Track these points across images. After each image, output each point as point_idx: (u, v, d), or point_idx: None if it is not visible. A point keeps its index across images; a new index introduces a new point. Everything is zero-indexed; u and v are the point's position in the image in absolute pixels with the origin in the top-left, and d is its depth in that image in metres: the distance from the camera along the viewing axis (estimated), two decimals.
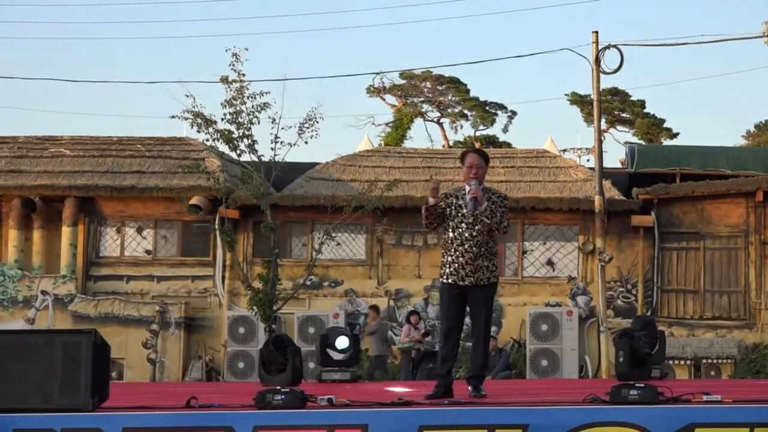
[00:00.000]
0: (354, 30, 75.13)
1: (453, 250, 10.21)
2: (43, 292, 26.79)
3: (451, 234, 10.27)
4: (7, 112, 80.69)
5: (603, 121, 30.79)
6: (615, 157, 35.27)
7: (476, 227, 10.12)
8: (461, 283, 10.24)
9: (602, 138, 28.29)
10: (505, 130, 52.59)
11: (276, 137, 22.74)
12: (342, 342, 14.03)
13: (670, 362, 23.71)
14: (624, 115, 50.25)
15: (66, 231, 27.11)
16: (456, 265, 10.22)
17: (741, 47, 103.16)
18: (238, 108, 22.65)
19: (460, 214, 10.15)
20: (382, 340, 23.68)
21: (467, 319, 10.65)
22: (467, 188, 10.25)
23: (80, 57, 70.55)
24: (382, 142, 45.25)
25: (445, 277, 10.34)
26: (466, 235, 10.15)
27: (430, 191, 10.22)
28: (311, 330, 24.25)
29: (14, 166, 27.78)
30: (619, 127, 51.12)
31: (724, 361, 25.08)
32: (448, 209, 10.22)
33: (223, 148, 23.87)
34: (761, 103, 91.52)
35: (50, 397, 8.79)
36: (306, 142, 22.96)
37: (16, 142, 28.92)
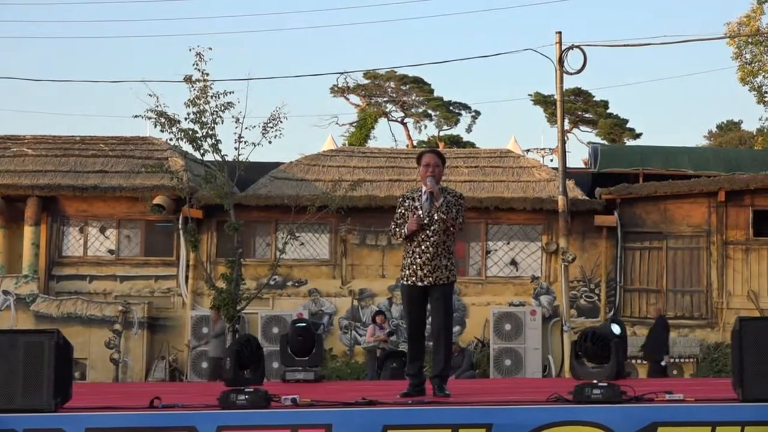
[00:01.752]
0: (318, 30, 75.06)
1: (411, 251, 10.24)
2: (5, 292, 26.68)
3: None
4: None
5: (566, 121, 30.92)
6: (578, 157, 35.50)
7: (432, 227, 10.15)
8: (420, 283, 10.27)
9: (565, 138, 28.41)
10: (468, 130, 52.78)
11: (240, 137, 22.79)
12: (303, 341, 14.02)
13: (633, 361, 23.82)
14: (587, 115, 50.44)
15: (28, 231, 27.02)
16: (414, 266, 10.25)
17: (704, 48, 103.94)
18: (201, 107, 22.65)
19: (416, 216, 10.18)
20: (224, 342, 23.62)
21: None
22: (423, 188, 10.31)
23: (43, 56, 70.33)
24: (346, 142, 45.28)
25: (404, 278, 10.35)
26: (422, 236, 10.19)
27: (414, 226, 10.20)
28: (275, 330, 24.25)
29: None
30: (582, 128, 51.33)
31: (687, 360, 25.22)
32: (406, 212, 10.27)
33: (186, 147, 23.92)
34: (723, 104, 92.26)
35: (12, 397, 8.75)
36: (270, 142, 23.05)
37: None
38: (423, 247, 10.22)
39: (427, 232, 10.18)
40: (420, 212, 10.18)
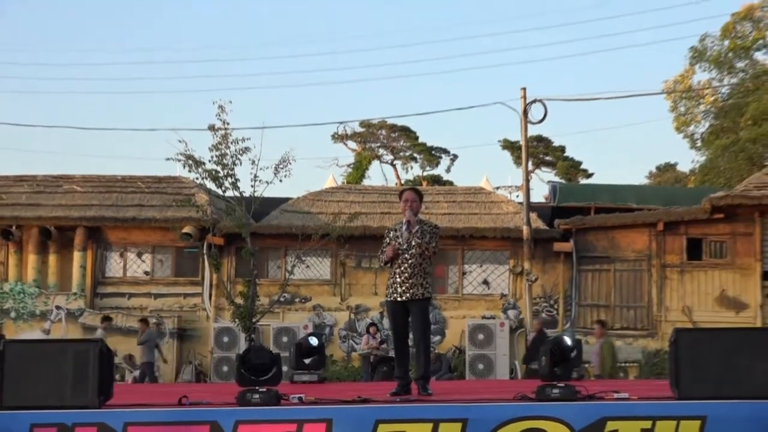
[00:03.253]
0: (322, 86, 75.12)
1: (393, 272, 10.41)
2: (57, 307, 26.69)
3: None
4: (28, 154, 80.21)
5: (530, 163, 30.92)
6: (540, 193, 35.46)
7: (410, 251, 10.26)
8: (400, 299, 10.35)
9: (529, 177, 28.40)
10: (448, 170, 52.72)
11: (255, 176, 22.73)
12: (308, 349, 14.00)
13: (586, 365, 23.77)
14: (547, 158, 50.43)
15: (77, 255, 27.04)
16: (395, 284, 10.36)
17: (645, 102, 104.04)
18: (223, 151, 22.62)
19: (397, 243, 10.28)
20: (151, 348, 23.45)
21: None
22: (403, 220, 10.46)
23: (91, 108, 70.42)
24: (345, 181, 45.22)
25: (387, 295, 10.53)
26: (402, 258, 10.29)
27: (391, 253, 10.37)
28: (284, 339, 24.17)
29: (33, 201, 27.68)
30: (543, 168, 51.31)
31: (631, 364, 25.19)
32: (390, 242, 10.40)
33: (210, 185, 23.82)
34: (661, 149, 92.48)
35: (63, 396, 8.73)
36: (281, 181, 22.95)
37: (35, 180, 28.80)
38: (402, 268, 10.35)
39: (406, 255, 10.33)
40: (400, 240, 10.31)
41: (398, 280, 10.34)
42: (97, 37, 76.71)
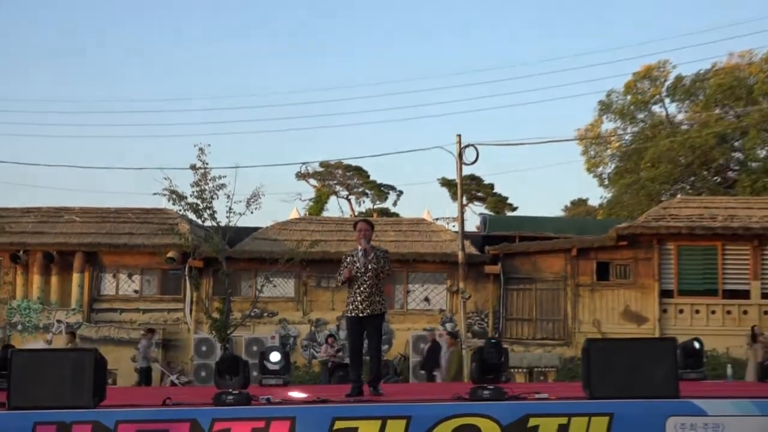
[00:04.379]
0: (287, 131, 75.09)
1: (353, 292, 10.48)
2: (59, 321, 26.48)
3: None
4: (33, 189, 79.72)
5: (464, 198, 31.05)
6: (473, 224, 35.56)
7: (367, 273, 10.34)
8: (360, 315, 10.40)
9: (463, 210, 28.50)
10: (394, 204, 52.72)
11: (230, 208, 22.73)
12: (275, 356, 13.91)
13: (512, 370, 23.81)
14: (479, 194, 50.56)
15: (76, 276, 26.85)
16: (356, 302, 10.43)
17: (561, 146, 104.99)
18: (202, 187, 22.59)
19: (355, 267, 10.35)
20: (144, 358, 23.40)
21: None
22: (359, 247, 10.54)
23: (89, 149, 70.12)
24: (307, 213, 45.12)
25: (348, 312, 10.58)
26: (360, 280, 10.37)
27: (348, 274, 10.46)
28: (255, 348, 24.00)
29: (38, 229, 27.48)
30: (475, 203, 51.39)
31: (550, 369, 25.25)
32: (347, 265, 10.47)
33: (191, 216, 23.76)
34: (574, 186, 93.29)
35: (63, 398, 8.65)
36: (252, 212, 22.95)
37: (39, 211, 28.59)
38: (361, 289, 10.42)
39: (364, 277, 10.40)
40: (357, 264, 10.39)
41: (358, 299, 10.42)
42: (94, 92, 76.23)
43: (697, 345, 13.08)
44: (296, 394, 10.39)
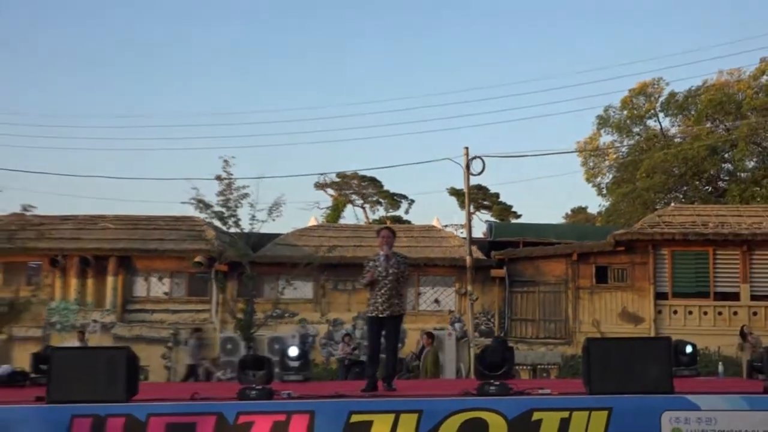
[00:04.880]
0: (307, 144, 75.18)
1: (374, 294, 10.49)
2: (94, 321, 26.51)
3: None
4: (72, 198, 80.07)
5: (471, 206, 31.02)
6: (479, 230, 35.53)
7: (388, 277, 10.35)
8: (380, 315, 10.40)
9: (471, 218, 28.48)
10: (406, 212, 52.62)
11: (253, 216, 22.76)
12: (293, 351, 13.91)
13: (517, 367, 23.72)
14: (485, 202, 50.48)
15: (110, 279, 26.90)
16: (377, 304, 10.44)
17: (562, 158, 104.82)
18: (227, 196, 22.63)
19: (377, 271, 10.35)
20: (192, 355, 23.37)
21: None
22: (381, 252, 10.53)
23: (121, 161, 70.30)
24: (324, 220, 45.11)
25: (369, 312, 10.58)
26: (382, 284, 10.37)
27: (370, 277, 10.47)
28: (276, 346, 24.02)
29: (75, 235, 27.54)
30: (482, 211, 51.31)
31: (552, 366, 25.18)
32: (369, 269, 10.48)
33: (217, 223, 23.79)
34: (575, 195, 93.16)
35: (98, 392, 8.67)
36: (273, 220, 23.00)
37: (77, 219, 28.66)
38: (382, 291, 10.46)
39: (385, 281, 10.43)
40: (379, 269, 10.41)
41: (379, 300, 10.47)
42: (124, 107, 76.55)
43: (689, 346, 13.08)
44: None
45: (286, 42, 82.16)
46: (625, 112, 43.60)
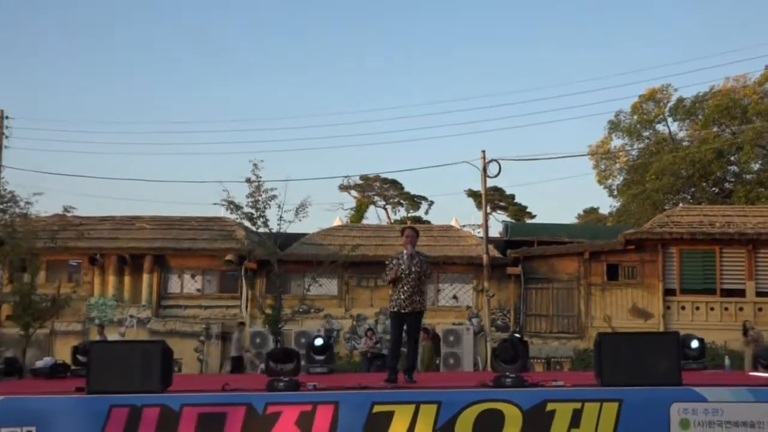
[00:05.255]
0: (331, 149, 75.38)
1: (397, 290, 10.42)
2: (131, 316, 26.68)
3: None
4: (110, 200, 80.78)
5: (488, 207, 30.96)
6: (496, 230, 35.44)
7: (411, 276, 10.32)
8: (402, 311, 10.37)
9: (487, 218, 28.43)
10: (426, 213, 52.65)
11: (281, 217, 22.85)
12: (318, 341, 13.93)
13: (531, 360, 23.68)
14: (501, 203, 50.42)
15: (146, 276, 27.06)
16: (399, 300, 10.39)
17: (575, 161, 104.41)
18: (256, 198, 22.71)
19: (401, 268, 10.32)
20: (237, 348, 23.40)
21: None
22: (404, 251, 10.50)
23: (155, 165, 70.70)
24: (348, 220, 45.19)
25: (392, 308, 10.53)
26: (404, 281, 10.34)
27: (393, 275, 10.38)
28: (303, 340, 24.00)
29: (113, 235, 27.72)
30: (498, 211, 51.24)
31: (565, 359, 25.10)
32: (393, 267, 10.44)
33: (246, 223, 23.87)
34: (587, 196, 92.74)
35: (134, 383, 8.70)
36: (300, 220, 23.09)
37: (114, 220, 28.85)
38: (405, 288, 10.42)
39: (407, 279, 10.39)
40: (402, 267, 10.37)
41: (402, 297, 10.41)
42: (163, 114, 76.97)
43: (696, 341, 12.99)
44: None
45: (312, 52, 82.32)
46: (636, 117, 43.38)
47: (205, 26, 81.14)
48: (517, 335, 9.89)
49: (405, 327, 10.60)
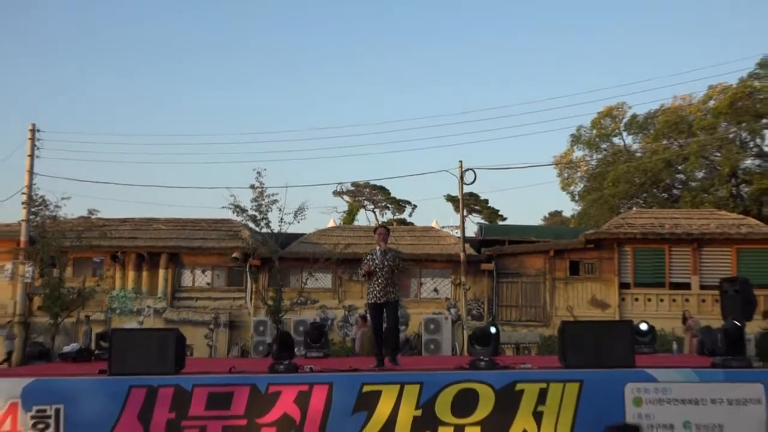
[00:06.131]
0: (325, 159, 75.26)
1: (373, 283, 10.45)
2: (148, 307, 26.55)
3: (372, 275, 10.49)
4: (130, 204, 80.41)
5: (464, 210, 30.97)
6: (471, 231, 35.47)
7: (384, 269, 10.33)
8: (378, 302, 10.38)
9: (464, 220, 28.45)
10: (410, 215, 52.64)
11: (281, 219, 22.79)
12: (314, 326, 13.95)
13: (503, 346, 23.70)
14: (476, 207, 50.43)
15: (161, 272, 26.95)
16: (375, 291, 10.42)
17: (541, 170, 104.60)
18: (259, 202, 22.66)
19: (374, 263, 10.34)
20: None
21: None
22: (378, 247, 10.61)
23: (170, 173, 70.50)
24: (341, 222, 45.14)
25: (369, 299, 10.55)
26: (378, 274, 10.35)
27: (367, 268, 10.46)
28: (301, 328, 23.96)
29: (132, 235, 27.62)
30: (473, 214, 51.26)
31: (532, 345, 25.14)
32: (367, 262, 10.46)
33: (251, 225, 23.82)
34: (551, 201, 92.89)
35: (151, 366, 8.68)
36: (298, 222, 23.13)
37: (133, 221, 28.76)
38: (379, 281, 10.43)
39: (381, 272, 10.41)
40: (376, 262, 10.38)
41: (377, 289, 10.41)
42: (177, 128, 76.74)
43: (644, 324, 13.07)
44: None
45: (309, 66, 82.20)
46: (595, 131, 43.51)
47: (218, 45, 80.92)
48: (491, 325, 9.90)
49: (384, 316, 10.59)
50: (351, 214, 50.20)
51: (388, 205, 53.07)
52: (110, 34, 76.82)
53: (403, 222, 49.71)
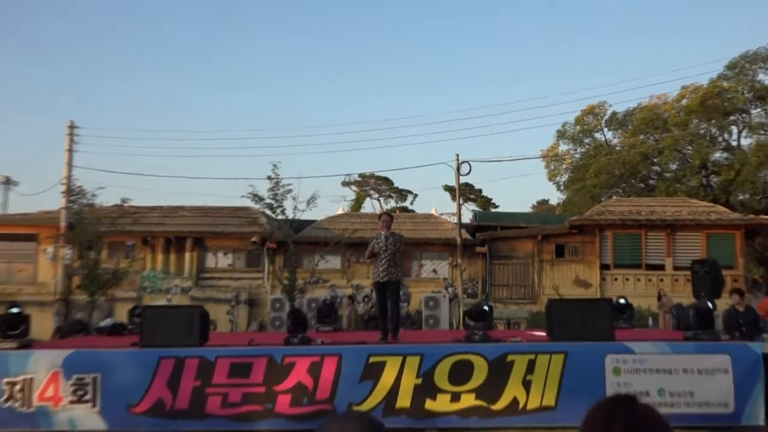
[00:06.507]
0: (335, 153, 75.21)
1: (378, 264, 10.46)
2: (176, 286, 26.61)
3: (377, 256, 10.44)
4: (157, 193, 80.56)
5: (461, 199, 30.91)
6: (467, 217, 35.51)
7: (387, 252, 10.34)
8: (382, 280, 10.40)
9: (460, 208, 28.43)
10: (412, 203, 52.54)
11: (295, 207, 22.76)
12: (325, 304, 13.97)
13: (496, 321, 23.71)
14: (471, 196, 50.36)
15: (187, 255, 26.99)
16: (379, 271, 10.42)
17: (530, 162, 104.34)
18: (275, 192, 22.64)
19: (379, 246, 10.36)
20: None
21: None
22: (382, 232, 10.60)
23: (195, 165, 70.60)
24: (349, 210, 45.14)
25: (374, 279, 10.55)
26: (382, 256, 10.37)
27: (371, 251, 10.55)
28: (313, 305, 23.98)
29: (161, 221, 27.65)
30: (469, 203, 51.19)
31: (522, 320, 25.16)
32: (373, 246, 10.48)
33: (268, 212, 23.81)
34: (539, 190, 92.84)
35: (178, 339, 8.72)
36: (310, 209, 23.19)
37: (162, 209, 28.77)
38: (382, 262, 10.46)
39: (385, 254, 10.43)
40: (381, 245, 10.42)
41: (380, 269, 10.44)
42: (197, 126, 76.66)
43: (622, 299, 13.07)
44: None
45: (329, 66, 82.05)
46: (578, 127, 43.38)
47: (230, 51, 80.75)
48: (484, 303, 9.92)
49: (387, 293, 10.61)
50: (358, 203, 50.18)
51: (392, 194, 53.06)
52: (150, 33, 76.66)
53: (405, 209, 49.68)
